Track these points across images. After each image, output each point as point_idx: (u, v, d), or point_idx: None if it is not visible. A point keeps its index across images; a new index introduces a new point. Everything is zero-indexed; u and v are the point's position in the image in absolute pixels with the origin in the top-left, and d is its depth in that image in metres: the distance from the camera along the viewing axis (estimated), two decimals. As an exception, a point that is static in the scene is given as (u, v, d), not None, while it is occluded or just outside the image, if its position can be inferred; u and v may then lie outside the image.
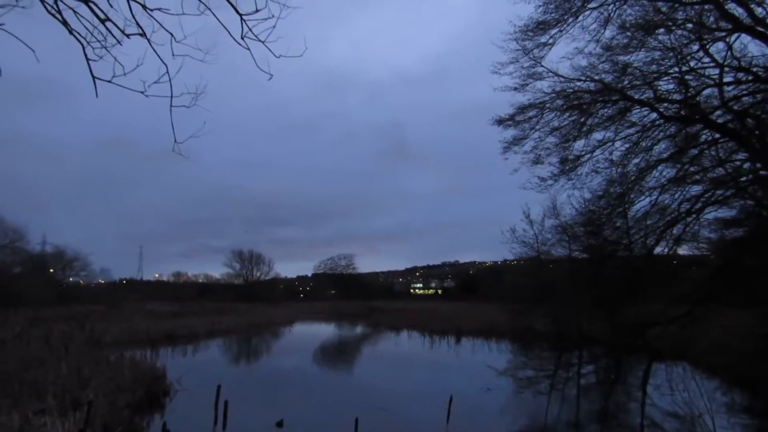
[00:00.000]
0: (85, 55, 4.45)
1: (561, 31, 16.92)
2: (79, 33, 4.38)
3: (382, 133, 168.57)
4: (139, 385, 13.70)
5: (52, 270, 61.68)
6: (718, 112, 16.84)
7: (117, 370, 14.80)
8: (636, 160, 18.85)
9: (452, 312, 50.43)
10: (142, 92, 4.63)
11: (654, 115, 17.87)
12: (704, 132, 17.70)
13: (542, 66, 18.05)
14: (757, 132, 16.51)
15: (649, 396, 15.71)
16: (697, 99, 17.04)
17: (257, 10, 4.43)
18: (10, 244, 49.20)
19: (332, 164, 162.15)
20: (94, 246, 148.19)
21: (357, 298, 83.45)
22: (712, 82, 16.61)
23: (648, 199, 19.42)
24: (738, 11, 14.94)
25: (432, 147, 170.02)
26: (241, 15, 4.48)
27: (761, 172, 17.43)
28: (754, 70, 15.57)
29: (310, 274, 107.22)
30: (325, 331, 44.38)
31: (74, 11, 4.30)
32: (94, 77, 4.49)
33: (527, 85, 18.48)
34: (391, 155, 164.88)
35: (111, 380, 13.15)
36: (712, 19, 15.62)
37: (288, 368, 21.29)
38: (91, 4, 4.28)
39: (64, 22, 4.29)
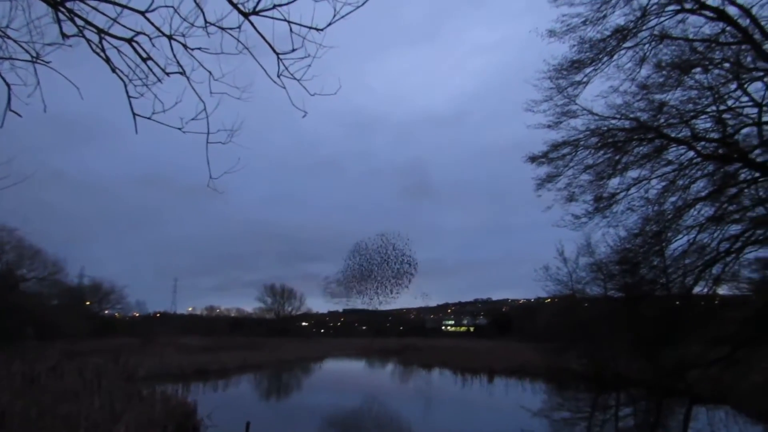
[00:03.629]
0: (127, 92, 4.61)
1: (596, 69, 16.82)
2: (121, 71, 4.55)
3: (406, 172, 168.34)
4: (170, 420, 13.72)
5: (88, 302, 62.80)
6: (757, 151, 16.46)
7: (149, 404, 14.88)
8: (673, 199, 18.46)
9: (485, 350, 49.50)
10: (179, 129, 4.75)
11: (691, 153, 17.56)
12: (743, 171, 17.26)
13: (576, 104, 17.94)
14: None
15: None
16: (736, 138, 16.70)
17: (293, 50, 4.53)
18: (49, 276, 50.21)
19: (357, 201, 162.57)
20: (130, 279, 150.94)
21: (388, 335, 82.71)
22: (751, 121, 16.29)
23: (686, 238, 18.90)
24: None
25: (460, 185, 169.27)
26: (278, 54, 4.58)
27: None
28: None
29: (341, 310, 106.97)
30: (355, 368, 44.01)
31: (118, 50, 4.47)
32: (134, 114, 4.63)
33: (561, 122, 18.34)
34: (415, 194, 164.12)
35: (143, 415, 13.20)
36: (749, 59, 15.43)
37: (317, 405, 21.13)
38: (135, 44, 4.43)
39: (108, 60, 4.45)
